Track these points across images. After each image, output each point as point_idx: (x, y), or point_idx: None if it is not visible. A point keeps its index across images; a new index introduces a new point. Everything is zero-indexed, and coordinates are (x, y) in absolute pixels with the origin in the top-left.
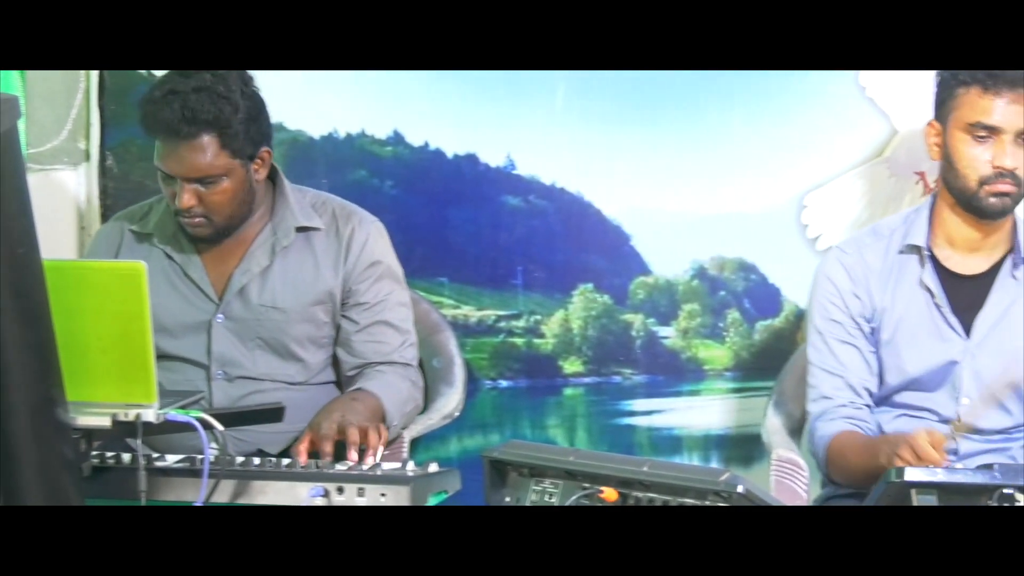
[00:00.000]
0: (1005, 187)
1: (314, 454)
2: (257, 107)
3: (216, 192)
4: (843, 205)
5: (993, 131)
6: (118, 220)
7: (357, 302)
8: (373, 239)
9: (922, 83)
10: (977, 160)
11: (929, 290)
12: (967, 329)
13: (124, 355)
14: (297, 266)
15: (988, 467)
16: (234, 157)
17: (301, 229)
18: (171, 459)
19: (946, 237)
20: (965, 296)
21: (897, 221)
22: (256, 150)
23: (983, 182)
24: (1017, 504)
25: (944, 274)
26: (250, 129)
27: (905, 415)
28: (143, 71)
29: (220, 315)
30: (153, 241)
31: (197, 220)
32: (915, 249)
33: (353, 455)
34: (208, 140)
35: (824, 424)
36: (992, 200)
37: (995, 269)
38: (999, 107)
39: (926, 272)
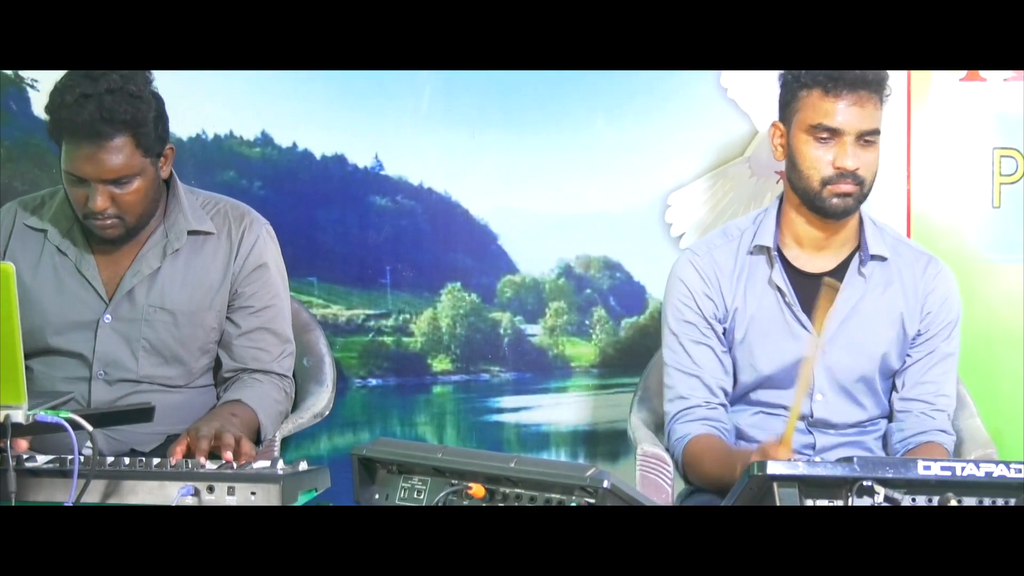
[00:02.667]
0: (847, 187)
1: (189, 456)
2: (160, 104)
3: (129, 192)
4: (706, 204)
5: (835, 133)
6: (13, 206)
7: (242, 305)
8: (263, 241)
9: None
10: (819, 161)
11: (779, 289)
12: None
13: None
14: (186, 269)
15: (848, 460)
16: (146, 156)
17: (193, 232)
18: (41, 459)
19: (794, 236)
20: (814, 294)
21: (746, 222)
22: (163, 147)
23: (825, 182)
24: (876, 495)
25: (793, 273)
26: (158, 126)
27: (762, 412)
28: (8, 71)
29: (108, 315)
30: (47, 235)
31: (110, 222)
32: (764, 250)
33: (228, 455)
34: (123, 140)
35: (681, 426)
36: (835, 200)
37: (843, 266)
38: (840, 109)
39: (775, 272)
